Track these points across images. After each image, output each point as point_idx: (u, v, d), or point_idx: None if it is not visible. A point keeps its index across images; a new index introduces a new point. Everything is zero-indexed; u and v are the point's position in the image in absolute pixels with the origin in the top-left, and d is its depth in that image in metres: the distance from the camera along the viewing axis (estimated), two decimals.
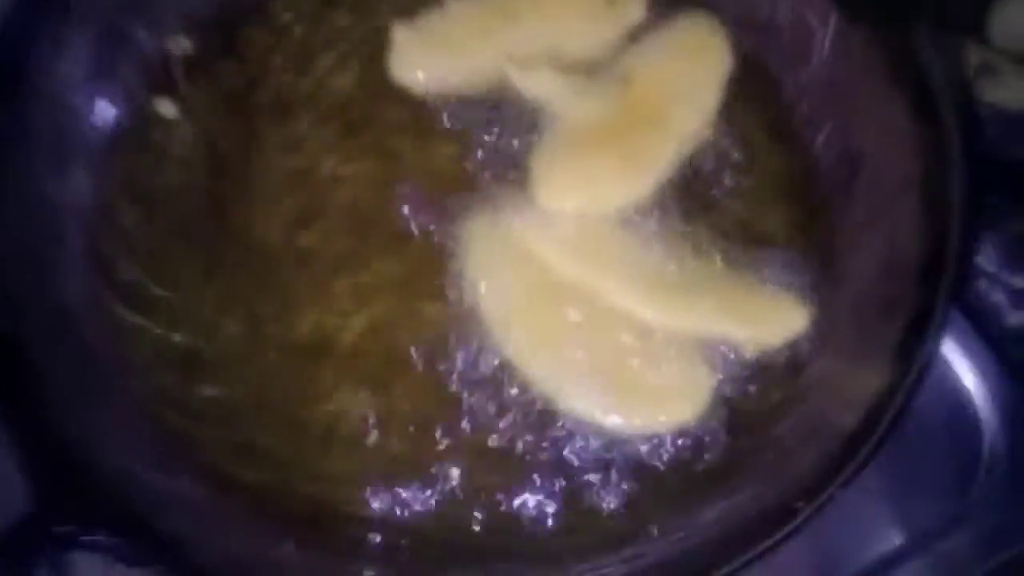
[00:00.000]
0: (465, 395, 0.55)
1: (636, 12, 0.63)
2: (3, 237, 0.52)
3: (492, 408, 0.55)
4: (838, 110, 0.58)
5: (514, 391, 0.55)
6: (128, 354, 0.55)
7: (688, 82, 0.60)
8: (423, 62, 0.60)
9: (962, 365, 0.63)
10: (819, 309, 0.55)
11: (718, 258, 0.57)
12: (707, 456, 0.53)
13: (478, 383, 0.55)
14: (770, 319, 0.55)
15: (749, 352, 0.54)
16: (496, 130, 0.60)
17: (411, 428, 0.54)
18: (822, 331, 0.54)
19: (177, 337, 0.56)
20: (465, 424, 0.54)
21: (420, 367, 0.55)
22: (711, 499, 0.52)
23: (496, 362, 0.55)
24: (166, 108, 0.61)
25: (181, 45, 0.62)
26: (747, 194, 0.59)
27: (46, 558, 0.42)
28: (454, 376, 0.55)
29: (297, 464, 0.55)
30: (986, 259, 0.69)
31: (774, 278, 0.56)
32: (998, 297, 0.69)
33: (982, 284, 0.69)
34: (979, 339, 0.63)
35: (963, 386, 0.63)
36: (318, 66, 0.62)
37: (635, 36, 0.62)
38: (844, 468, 0.44)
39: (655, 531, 0.51)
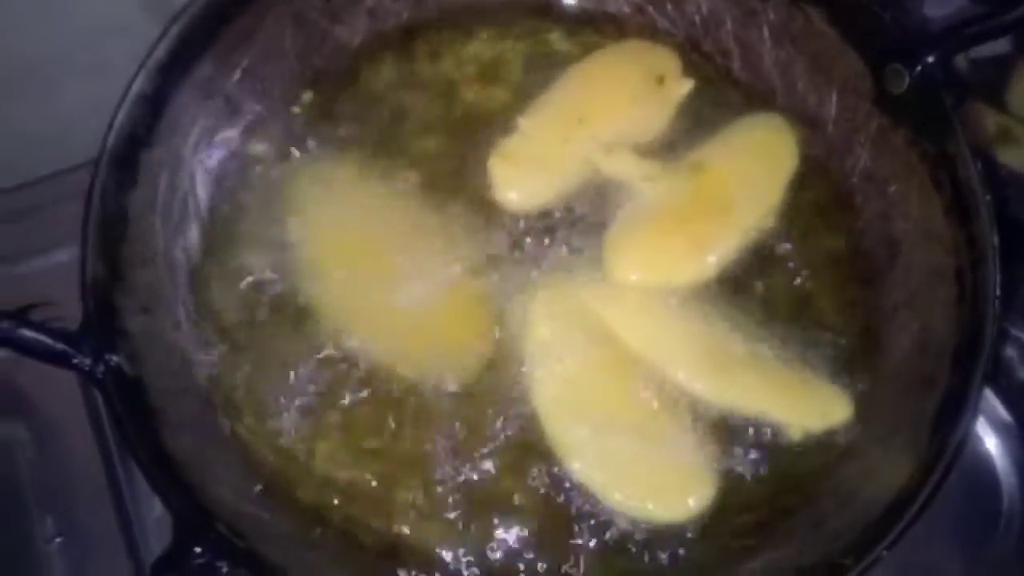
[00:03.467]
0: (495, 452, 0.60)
1: (683, 87, 0.68)
2: (131, 293, 0.57)
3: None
4: (878, 199, 0.63)
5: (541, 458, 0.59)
6: (231, 396, 0.60)
7: (755, 177, 0.65)
8: (523, 185, 0.65)
9: (982, 425, 0.69)
10: (861, 383, 0.60)
11: (771, 342, 0.61)
12: (749, 512, 0.58)
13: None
14: (814, 408, 0.59)
15: (792, 435, 0.59)
16: (576, 206, 0.65)
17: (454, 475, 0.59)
18: (864, 402, 0.59)
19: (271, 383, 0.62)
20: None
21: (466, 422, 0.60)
22: (754, 552, 0.57)
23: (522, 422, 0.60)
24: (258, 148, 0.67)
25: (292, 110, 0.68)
26: (799, 273, 0.64)
27: None
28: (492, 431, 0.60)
29: (375, 499, 0.60)
30: None
31: (820, 364, 0.61)
32: (1011, 353, 0.73)
33: None
34: (998, 400, 0.69)
35: (983, 446, 0.69)
36: (407, 130, 0.68)
37: (709, 130, 0.67)
38: (891, 529, 0.49)
39: None
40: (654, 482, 0.58)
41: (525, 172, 0.65)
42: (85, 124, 0.58)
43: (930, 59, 0.57)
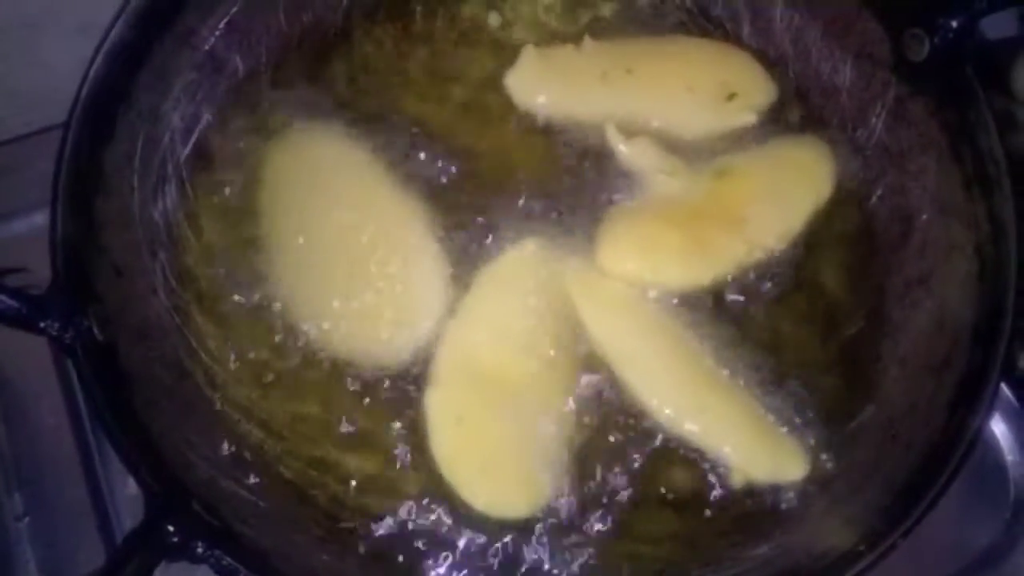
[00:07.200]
0: None
1: (748, 117, 0.63)
2: (104, 254, 0.54)
3: None
4: (893, 172, 0.61)
5: None
6: (211, 367, 0.57)
7: (780, 197, 0.61)
8: (540, 85, 0.63)
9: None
10: (876, 368, 0.57)
11: (745, 368, 0.58)
12: (761, 497, 0.56)
13: None
14: (767, 458, 0.55)
15: (735, 480, 0.55)
16: (586, 180, 0.61)
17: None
18: (873, 389, 0.57)
19: (252, 353, 0.59)
20: None
21: None
22: (762, 536, 0.54)
23: None
24: None
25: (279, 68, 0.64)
26: (797, 274, 0.60)
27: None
28: None
29: (363, 478, 0.57)
30: None
31: (791, 411, 0.57)
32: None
33: None
34: (1005, 385, 0.65)
35: (989, 432, 0.66)
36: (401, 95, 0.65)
37: (744, 140, 0.63)
38: (908, 515, 0.47)
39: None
40: (484, 470, 0.55)
41: (548, 72, 0.63)
42: (72, 83, 0.54)
43: (953, 24, 0.54)
